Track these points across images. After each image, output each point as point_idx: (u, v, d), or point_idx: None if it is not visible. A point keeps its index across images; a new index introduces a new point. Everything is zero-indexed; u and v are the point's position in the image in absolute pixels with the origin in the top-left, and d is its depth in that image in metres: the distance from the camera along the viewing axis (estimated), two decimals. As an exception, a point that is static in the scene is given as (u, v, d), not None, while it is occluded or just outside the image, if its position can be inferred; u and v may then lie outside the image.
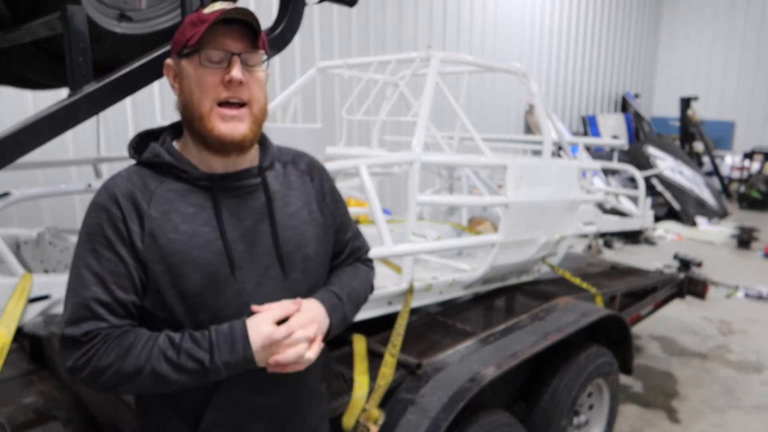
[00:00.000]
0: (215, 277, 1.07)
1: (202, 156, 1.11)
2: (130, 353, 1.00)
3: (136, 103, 4.49)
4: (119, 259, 1.03)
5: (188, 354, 1.01)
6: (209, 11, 1.05)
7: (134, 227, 1.04)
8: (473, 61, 2.86)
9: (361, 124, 6.08)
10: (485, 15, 8.12)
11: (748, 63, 11.66)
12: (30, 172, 3.49)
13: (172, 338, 1.03)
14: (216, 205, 1.10)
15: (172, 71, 1.12)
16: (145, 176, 1.09)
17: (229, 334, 1.03)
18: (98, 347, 1.00)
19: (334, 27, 6.03)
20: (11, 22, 1.63)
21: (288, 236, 1.16)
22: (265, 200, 1.15)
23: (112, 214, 1.04)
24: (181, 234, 1.06)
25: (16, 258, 1.74)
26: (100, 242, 1.04)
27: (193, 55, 1.05)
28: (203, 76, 1.05)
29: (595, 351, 2.61)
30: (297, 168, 1.26)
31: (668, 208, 8.48)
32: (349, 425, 1.79)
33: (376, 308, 2.28)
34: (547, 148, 2.93)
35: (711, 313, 4.92)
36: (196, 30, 1.04)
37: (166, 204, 1.07)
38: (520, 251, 2.74)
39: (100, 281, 1.03)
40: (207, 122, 1.05)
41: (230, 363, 1.02)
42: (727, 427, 3.24)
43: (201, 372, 1.02)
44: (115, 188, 1.07)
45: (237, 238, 1.10)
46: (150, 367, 1.00)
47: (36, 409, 1.76)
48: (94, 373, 1.00)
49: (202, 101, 1.05)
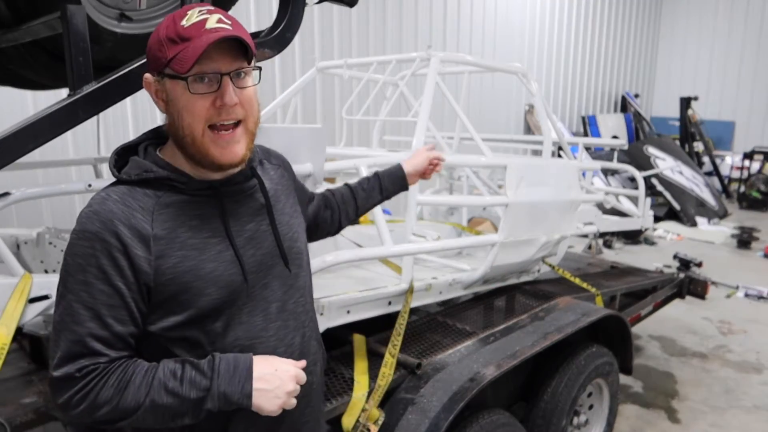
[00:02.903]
0: (231, 288, 1.05)
1: (197, 168, 1.06)
2: (130, 387, 0.96)
3: (136, 103, 4.49)
4: (115, 290, 0.97)
5: (191, 382, 0.98)
6: (188, 24, 0.97)
7: (139, 252, 0.98)
8: (473, 61, 2.86)
9: (361, 124, 6.08)
10: (485, 15, 8.12)
11: (748, 63, 11.65)
12: (30, 172, 3.49)
13: (173, 369, 0.99)
14: (223, 213, 1.06)
15: (153, 87, 1.03)
16: (138, 194, 1.02)
17: (232, 363, 1.00)
18: (96, 382, 0.96)
19: (334, 27, 6.03)
20: (11, 22, 1.63)
21: (284, 232, 1.17)
22: (264, 200, 1.15)
23: (108, 243, 0.97)
24: (192, 249, 1.02)
25: (16, 258, 1.74)
26: (93, 274, 0.97)
27: (179, 79, 0.97)
28: (193, 101, 0.97)
29: (595, 351, 2.61)
30: (271, 163, 1.27)
31: (668, 208, 8.48)
32: (349, 425, 1.79)
33: (376, 308, 2.28)
34: (547, 148, 2.93)
35: (711, 313, 4.92)
36: (178, 50, 0.95)
37: (169, 220, 1.01)
38: (520, 251, 2.74)
39: (96, 315, 0.96)
40: (201, 147, 1.00)
41: (227, 394, 0.98)
42: (727, 427, 3.24)
43: (201, 401, 0.98)
44: (110, 215, 0.98)
45: (244, 243, 1.09)
46: (150, 400, 0.96)
47: (36, 409, 1.75)
48: (91, 409, 0.96)
49: (193, 126, 0.99)
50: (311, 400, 1.24)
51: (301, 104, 5.66)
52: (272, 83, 5.39)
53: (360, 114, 2.94)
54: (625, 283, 3.53)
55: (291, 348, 1.15)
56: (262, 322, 1.10)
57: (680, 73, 12.67)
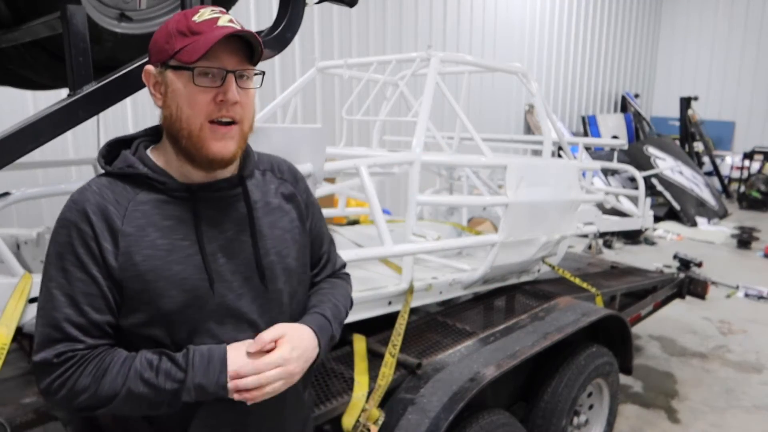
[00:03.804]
0: (195, 293, 1.04)
1: (184, 169, 1.06)
2: (107, 375, 0.97)
3: (136, 103, 4.49)
4: (91, 279, 0.98)
5: (167, 374, 0.98)
6: (200, 20, 0.99)
7: (107, 245, 0.99)
8: (473, 61, 2.86)
9: (361, 124, 6.08)
10: (485, 15, 8.12)
11: (748, 63, 11.66)
12: (30, 172, 3.49)
13: (150, 359, 0.99)
14: (196, 217, 1.05)
15: (152, 79, 1.04)
16: (117, 188, 1.03)
17: (207, 355, 1.00)
18: (74, 369, 0.97)
19: (334, 27, 6.03)
20: (11, 22, 1.63)
21: (269, 246, 1.13)
22: (246, 210, 1.11)
23: (82, 231, 0.98)
24: (159, 249, 1.01)
25: (16, 258, 1.74)
26: (71, 261, 0.98)
27: (184, 70, 0.99)
28: (195, 93, 0.99)
29: (595, 351, 2.61)
30: (276, 176, 1.22)
31: (668, 208, 8.48)
32: (349, 425, 1.78)
33: (376, 308, 2.28)
34: (547, 148, 2.93)
35: (711, 313, 4.92)
36: (187, 42, 0.98)
37: (141, 218, 1.01)
38: (520, 251, 2.74)
39: (72, 302, 0.98)
40: (197, 140, 1.01)
41: (202, 385, 0.98)
42: (727, 427, 3.24)
43: (176, 393, 0.98)
44: (85, 203, 1.00)
45: (216, 250, 1.07)
46: (126, 389, 0.97)
47: (36, 409, 1.75)
48: (70, 396, 0.97)
49: (192, 119, 1.00)
50: (282, 410, 1.20)
51: (301, 104, 5.66)
52: (272, 83, 5.39)
53: (360, 114, 2.94)
54: (625, 283, 3.53)
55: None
56: (232, 332, 1.07)
57: (680, 73, 12.67)
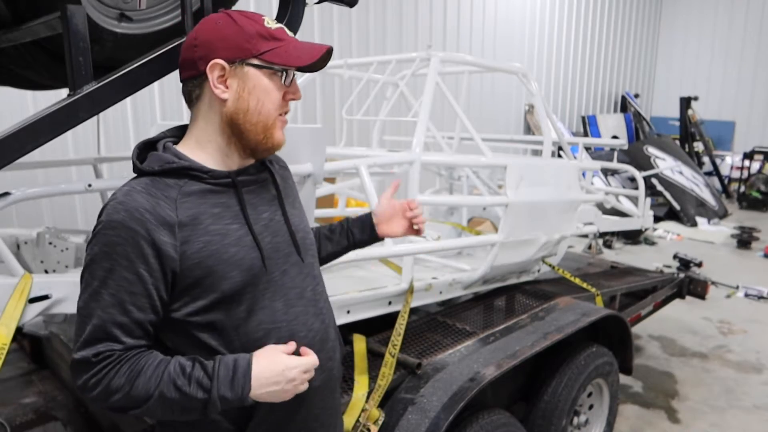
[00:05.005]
0: (252, 271, 1.10)
1: (224, 155, 1.14)
2: (141, 377, 1.00)
3: (136, 103, 4.49)
4: (138, 278, 1.02)
5: (198, 382, 1.00)
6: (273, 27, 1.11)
7: (166, 239, 1.03)
8: (473, 61, 2.86)
9: (361, 124, 6.08)
10: (485, 15, 8.12)
11: (748, 63, 11.65)
12: (30, 172, 3.49)
13: (183, 365, 1.02)
14: (241, 201, 1.13)
15: (219, 71, 1.08)
16: (161, 185, 1.07)
17: (231, 367, 1.02)
18: (110, 368, 1.00)
19: (334, 27, 6.03)
20: (11, 22, 1.63)
21: (296, 223, 1.24)
22: (275, 191, 1.22)
23: (133, 231, 1.01)
24: (214, 235, 1.07)
25: (16, 258, 1.74)
26: (118, 262, 1.01)
27: (268, 69, 1.10)
28: (277, 90, 1.12)
29: (595, 351, 2.61)
30: (278, 163, 1.33)
31: (668, 208, 8.48)
32: (349, 425, 1.79)
33: (376, 308, 2.28)
34: (547, 148, 2.93)
35: (711, 313, 4.92)
36: (272, 45, 1.09)
37: (192, 208, 1.07)
38: (520, 251, 2.74)
39: (118, 302, 1.01)
40: (270, 131, 1.13)
41: (226, 398, 1.01)
42: (727, 427, 3.24)
43: (206, 402, 1.00)
44: (135, 204, 1.03)
45: (262, 230, 1.15)
46: (159, 393, 0.99)
47: (36, 409, 1.76)
48: (105, 394, 1.00)
49: (271, 112, 1.12)
50: (334, 388, 1.29)
51: (301, 104, 5.66)
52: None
53: (360, 114, 2.94)
54: (625, 283, 3.53)
55: (311, 333, 1.19)
56: (283, 307, 1.15)
57: (680, 73, 12.67)
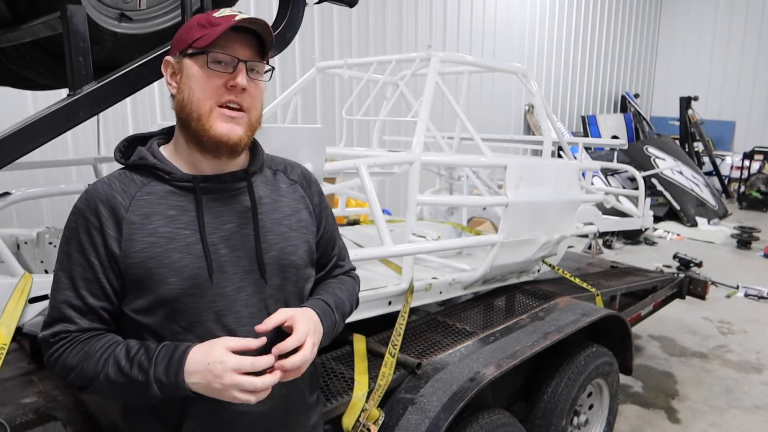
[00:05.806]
0: (194, 281, 1.06)
1: (193, 157, 1.11)
2: (90, 358, 1.03)
3: (136, 103, 4.49)
4: (89, 265, 1.05)
5: (139, 365, 1.01)
6: (219, 15, 1.07)
7: (111, 232, 1.04)
8: (473, 61, 2.86)
9: (361, 124, 6.08)
10: (485, 15, 8.12)
11: (748, 63, 11.66)
12: (30, 172, 3.49)
13: (129, 348, 1.03)
14: (198, 207, 1.09)
15: (170, 68, 1.11)
16: (128, 180, 1.09)
17: (170, 352, 1.01)
18: (65, 348, 1.04)
19: (334, 27, 6.03)
20: (11, 22, 1.63)
21: (273, 242, 1.15)
22: (250, 204, 1.14)
23: (87, 220, 1.05)
24: (160, 237, 1.05)
25: (16, 258, 1.74)
26: (75, 247, 1.06)
27: (200, 55, 1.06)
28: (208, 77, 1.06)
29: (595, 351, 2.61)
30: (288, 176, 1.26)
31: (668, 208, 8.49)
32: (349, 425, 1.79)
33: (376, 308, 2.28)
34: (547, 148, 2.93)
35: (711, 313, 4.92)
36: (205, 32, 1.05)
37: (147, 207, 1.07)
38: (520, 251, 2.74)
39: (72, 285, 1.06)
40: (206, 122, 1.05)
41: (162, 382, 0.99)
42: (727, 427, 3.24)
43: (146, 385, 1.00)
44: (94, 194, 1.07)
45: (218, 241, 1.09)
46: (104, 374, 1.02)
47: (36, 409, 1.75)
48: (63, 371, 1.05)
49: (202, 102, 1.06)
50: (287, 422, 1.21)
51: (301, 104, 5.66)
52: (272, 83, 5.38)
53: (360, 114, 2.94)
54: (625, 283, 3.53)
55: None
56: (232, 325, 1.10)
57: (680, 73, 12.68)
